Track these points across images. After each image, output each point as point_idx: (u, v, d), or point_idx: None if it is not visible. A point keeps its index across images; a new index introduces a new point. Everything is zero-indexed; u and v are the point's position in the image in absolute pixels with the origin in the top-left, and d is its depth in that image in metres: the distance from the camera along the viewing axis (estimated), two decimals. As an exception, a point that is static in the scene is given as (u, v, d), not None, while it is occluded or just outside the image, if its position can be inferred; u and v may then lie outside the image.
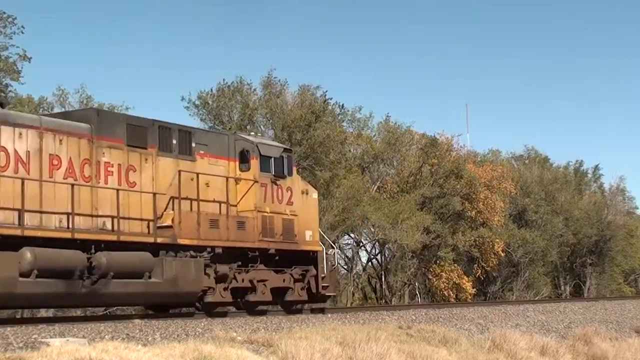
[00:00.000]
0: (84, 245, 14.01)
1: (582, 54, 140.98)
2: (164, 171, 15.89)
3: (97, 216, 14.63)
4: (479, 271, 41.54)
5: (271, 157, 18.30)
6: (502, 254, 40.18)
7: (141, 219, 15.29)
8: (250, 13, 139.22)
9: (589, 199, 52.46)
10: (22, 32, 23.80)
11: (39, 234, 13.34)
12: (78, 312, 24.15)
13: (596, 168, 56.16)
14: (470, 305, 28.51)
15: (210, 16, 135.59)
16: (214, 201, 16.82)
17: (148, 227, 15.35)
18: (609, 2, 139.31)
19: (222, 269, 16.97)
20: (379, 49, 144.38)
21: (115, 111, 26.40)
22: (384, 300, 36.66)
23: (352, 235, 37.09)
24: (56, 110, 25.69)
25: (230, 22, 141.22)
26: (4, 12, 23.55)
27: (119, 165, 15.07)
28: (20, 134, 13.47)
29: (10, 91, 24.26)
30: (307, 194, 20.13)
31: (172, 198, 15.75)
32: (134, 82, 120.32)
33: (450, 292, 37.55)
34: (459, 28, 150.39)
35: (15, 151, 13.39)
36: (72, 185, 13.96)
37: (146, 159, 15.57)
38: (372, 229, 35.50)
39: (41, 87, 64.91)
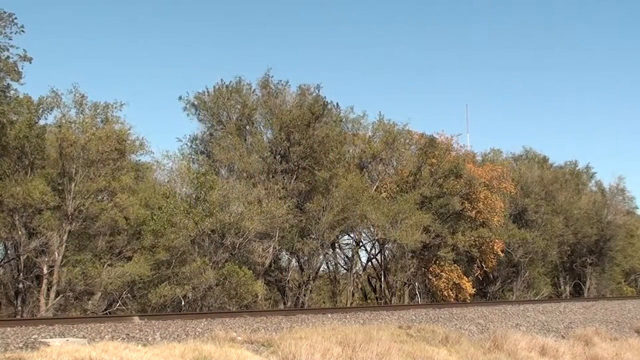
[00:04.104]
0: None
1: (583, 53, 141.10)
2: None
3: None
4: (479, 271, 41.48)
5: None
6: (502, 254, 40.10)
7: None
8: (249, 13, 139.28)
9: (589, 199, 52.35)
10: (23, 32, 23.41)
11: None
12: (78, 312, 24.17)
13: (588, 167, 56.15)
14: (470, 305, 28.49)
15: (209, 16, 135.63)
16: None
17: None
18: (610, 2, 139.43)
19: None
20: (378, 49, 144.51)
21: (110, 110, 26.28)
22: (383, 300, 36.59)
23: (351, 235, 37.03)
24: (55, 111, 25.62)
25: (229, 22, 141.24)
26: (4, 11, 23.18)
27: None
28: None
29: (11, 91, 24.05)
30: None
31: None
32: (133, 82, 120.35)
33: (450, 292, 37.47)
34: (459, 28, 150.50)
35: None
36: None
37: None
38: (372, 229, 35.42)
39: (37, 85, 64.68)
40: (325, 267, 36.95)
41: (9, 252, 27.21)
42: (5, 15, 23.05)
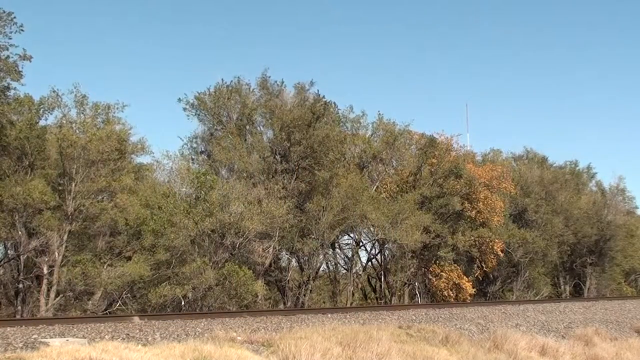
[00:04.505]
0: None
1: (583, 53, 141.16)
2: None
3: None
4: (479, 271, 41.48)
5: None
6: (502, 254, 40.10)
7: None
8: (249, 13, 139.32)
9: (589, 199, 52.34)
10: (22, 31, 23.24)
11: None
12: (78, 312, 24.17)
13: (589, 167, 56.17)
14: (470, 305, 28.49)
15: (209, 16, 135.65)
16: None
17: None
18: (610, 2, 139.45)
19: None
20: (378, 49, 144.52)
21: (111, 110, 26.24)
22: (383, 300, 36.60)
23: (351, 235, 37.07)
24: (55, 111, 25.58)
25: (229, 22, 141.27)
26: (3, 10, 22.98)
27: None
28: None
29: (11, 91, 23.95)
30: None
31: None
32: (132, 82, 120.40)
33: (450, 292, 37.47)
34: (459, 28, 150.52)
35: None
36: None
37: None
38: (372, 229, 35.43)
39: (37, 86, 64.63)
40: (325, 267, 37.00)
41: (9, 252, 27.22)
42: (4, 15, 22.90)
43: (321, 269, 35.81)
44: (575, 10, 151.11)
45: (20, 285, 24.73)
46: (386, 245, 36.95)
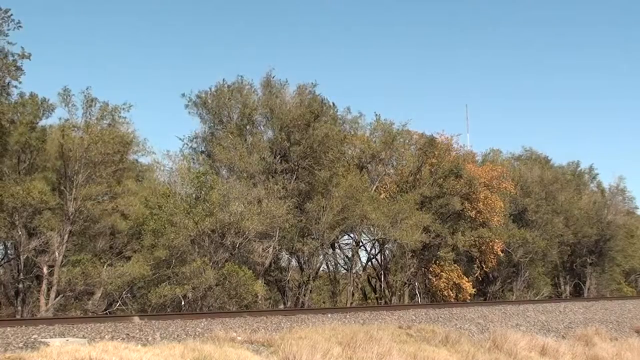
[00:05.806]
0: None
1: (583, 53, 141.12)
2: None
3: None
4: (479, 271, 41.48)
5: None
6: (502, 254, 40.09)
7: None
8: (248, 13, 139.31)
9: (589, 199, 52.32)
10: (20, 27, 23.00)
11: None
12: (78, 312, 24.17)
13: (591, 168, 56.17)
14: (470, 305, 28.48)
15: (209, 16, 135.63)
16: None
17: None
18: (610, 2, 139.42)
19: None
20: (378, 49, 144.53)
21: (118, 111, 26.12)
22: (383, 300, 36.59)
23: (351, 235, 37.04)
24: (60, 112, 25.49)
25: (229, 21, 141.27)
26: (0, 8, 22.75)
27: None
28: None
29: (15, 93, 23.85)
30: None
31: None
32: (132, 82, 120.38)
33: (450, 292, 37.47)
34: (459, 28, 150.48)
35: None
36: None
37: None
38: (372, 229, 35.41)
39: (42, 86, 64.65)
40: (325, 267, 36.97)
41: (9, 252, 27.22)
42: (0, 12, 22.68)
43: (321, 269, 35.81)
44: (575, 10, 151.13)
45: (20, 285, 24.72)
46: (386, 245, 36.94)
